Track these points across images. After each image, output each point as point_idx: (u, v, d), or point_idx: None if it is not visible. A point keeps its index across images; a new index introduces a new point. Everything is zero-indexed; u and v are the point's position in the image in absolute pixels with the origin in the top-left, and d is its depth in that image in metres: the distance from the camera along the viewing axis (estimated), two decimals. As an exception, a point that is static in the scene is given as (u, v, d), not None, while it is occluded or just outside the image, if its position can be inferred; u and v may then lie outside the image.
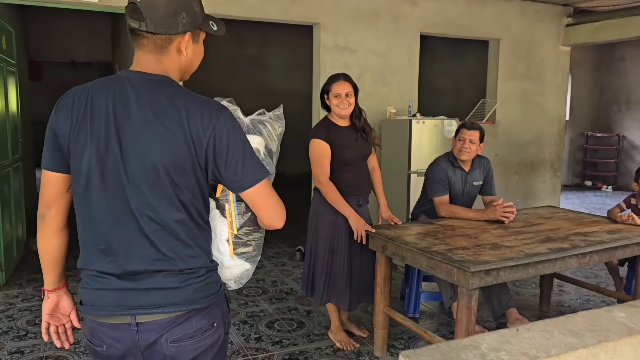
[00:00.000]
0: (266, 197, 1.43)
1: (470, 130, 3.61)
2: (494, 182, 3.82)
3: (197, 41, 1.47)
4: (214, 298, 1.44)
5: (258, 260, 1.57)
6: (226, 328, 1.52)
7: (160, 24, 1.35)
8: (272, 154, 1.59)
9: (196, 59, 1.50)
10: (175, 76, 1.43)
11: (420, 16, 5.66)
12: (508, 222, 3.30)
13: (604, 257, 3.00)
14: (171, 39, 1.38)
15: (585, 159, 11.00)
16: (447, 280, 2.60)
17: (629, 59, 10.49)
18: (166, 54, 1.40)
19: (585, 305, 4.14)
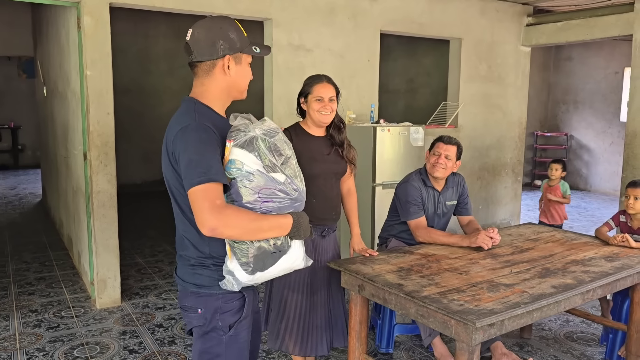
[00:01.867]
0: (194, 203, 1.58)
1: (447, 145, 3.23)
2: (470, 201, 3.45)
3: (239, 63, 1.78)
4: (202, 289, 1.74)
5: (252, 268, 1.65)
6: (222, 322, 1.74)
7: (204, 53, 1.73)
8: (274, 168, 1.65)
9: (241, 78, 1.80)
10: (217, 95, 1.78)
11: (380, 13, 5.23)
12: (491, 247, 2.93)
13: (607, 290, 2.67)
14: (214, 64, 1.74)
15: (535, 158, 11.02)
16: (443, 332, 2.16)
17: (576, 58, 10.57)
18: (210, 76, 1.76)
19: (566, 327, 3.85)
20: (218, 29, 1.73)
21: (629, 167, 5.27)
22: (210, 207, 1.54)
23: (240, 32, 1.76)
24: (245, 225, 1.59)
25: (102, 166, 4.02)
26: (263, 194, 1.63)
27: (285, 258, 1.70)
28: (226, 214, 1.56)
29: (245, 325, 1.79)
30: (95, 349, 3.42)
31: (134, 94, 8.97)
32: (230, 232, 1.58)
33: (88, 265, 4.33)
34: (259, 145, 1.64)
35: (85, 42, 3.88)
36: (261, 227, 1.61)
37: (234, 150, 1.63)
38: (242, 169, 1.62)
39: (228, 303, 1.74)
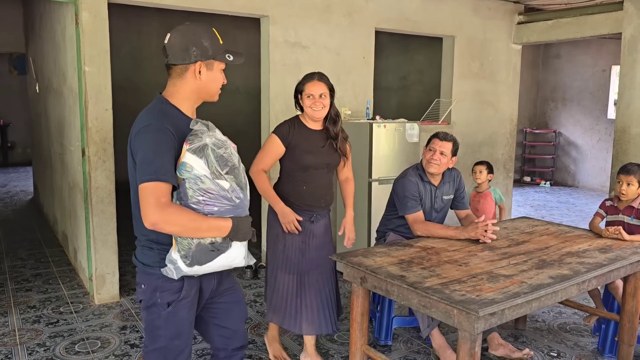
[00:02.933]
0: (141, 198, 1.74)
1: (443, 142, 3.30)
2: (465, 195, 3.52)
3: (211, 69, 1.91)
4: (146, 268, 1.91)
5: (190, 262, 1.81)
6: (161, 299, 1.89)
7: (177, 57, 1.86)
8: (219, 176, 1.79)
9: (211, 83, 1.93)
10: (186, 96, 1.91)
11: (375, 11, 5.28)
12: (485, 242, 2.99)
13: (602, 281, 2.75)
14: (187, 68, 1.87)
15: (524, 155, 11.16)
16: (446, 322, 2.22)
17: (564, 56, 10.71)
18: (182, 79, 1.89)
19: (559, 319, 3.94)
20: (192, 35, 1.86)
21: (618, 163, 5.37)
22: (155, 203, 1.71)
23: (216, 39, 1.90)
24: (185, 224, 1.75)
25: (100, 162, 4.03)
26: (207, 197, 1.78)
27: (223, 256, 1.85)
28: (168, 212, 1.72)
29: (186, 305, 1.94)
30: (96, 344, 3.45)
31: (127, 91, 8.93)
32: (170, 228, 1.75)
33: (86, 261, 4.34)
34: (208, 154, 1.78)
35: (83, 39, 3.88)
36: (200, 227, 1.76)
37: (187, 154, 1.77)
38: (192, 172, 1.76)
39: (167, 283, 1.89)
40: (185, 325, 1.97)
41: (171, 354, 1.96)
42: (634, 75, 5.19)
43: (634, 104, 5.21)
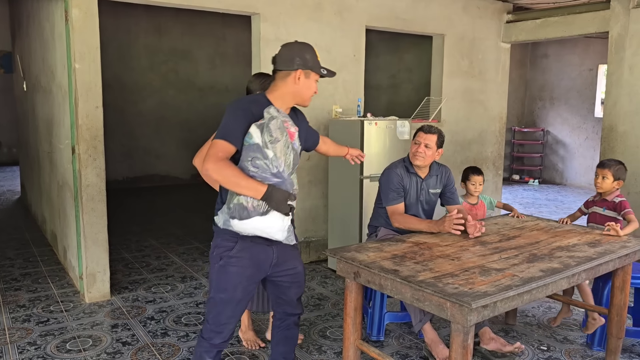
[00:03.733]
0: (209, 148, 2.16)
1: (427, 134, 3.36)
2: (455, 191, 3.55)
3: (308, 77, 2.31)
4: (214, 227, 2.38)
5: (231, 214, 2.20)
6: (216, 252, 2.34)
7: (283, 64, 2.29)
8: (267, 145, 2.17)
9: (306, 89, 2.32)
10: (282, 95, 2.31)
11: (365, 9, 5.30)
12: (475, 236, 3.02)
13: (591, 274, 2.79)
14: (289, 73, 2.28)
15: (513, 153, 11.25)
16: (439, 314, 2.24)
17: (552, 56, 10.82)
18: (284, 82, 2.30)
19: (549, 314, 3.99)
20: (297, 49, 2.33)
21: (606, 160, 5.45)
22: (214, 155, 2.13)
23: (315, 56, 2.35)
24: (228, 176, 2.12)
25: (90, 160, 4.00)
26: (255, 162, 2.17)
27: (258, 219, 2.19)
28: (220, 164, 2.12)
29: (235, 263, 2.30)
30: (87, 342, 3.42)
31: (115, 89, 8.89)
32: (216, 176, 2.12)
33: (76, 260, 4.30)
34: (264, 129, 2.18)
35: (73, 35, 3.85)
36: (239, 183, 2.13)
37: (253, 127, 2.19)
38: (251, 140, 2.18)
39: (223, 242, 2.32)
40: (231, 283, 2.32)
41: (217, 305, 2.34)
42: (621, 73, 5.26)
43: (621, 102, 5.28)
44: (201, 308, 4.02)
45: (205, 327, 2.38)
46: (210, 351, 2.37)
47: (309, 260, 5.20)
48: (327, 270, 4.94)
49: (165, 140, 10.01)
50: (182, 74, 10.06)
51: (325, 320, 3.83)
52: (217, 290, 2.33)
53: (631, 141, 5.23)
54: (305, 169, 5.02)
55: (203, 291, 4.39)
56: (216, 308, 2.34)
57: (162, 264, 5.12)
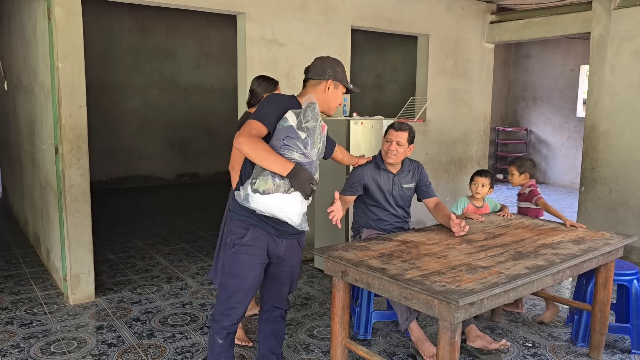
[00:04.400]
0: (245, 126, 2.33)
1: (398, 132, 3.41)
2: (430, 184, 3.60)
3: (337, 88, 2.54)
4: (230, 212, 2.56)
5: (255, 188, 2.28)
6: (229, 239, 2.48)
7: (315, 73, 2.53)
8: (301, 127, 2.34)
9: (333, 99, 2.55)
10: None
11: (351, 9, 5.31)
12: (460, 235, 3.06)
13: (575, 271, 2.83)
14: (320, 82, 2.51)
15: (497, 152, 11.36)
16: (426, 312, 2.26)
17: (534, 56, 10.94)
18: (315, 89, 2.52)
19: (533, 311, 4.04)
20: (330, 62, 2.55)
21: (588, 159, 5.53)
22: (248, 131, 2.28)
23: (344, 71, 2.58)
24: (259, 150, 2.25)
25: (74, 160, 3.95)
26: (286, 141, 2.30)
27: (281, 197, 2.28)
28: (252, 139, 2.26)
29: (246, 251, 2.43)
30: (72, 344, 3.38)
31: (98, 89, 8.78)
32: (247, 149, 2.25)
33: (60, 261, 4.25)
34: (301, 114, 2.35)
35: (56, 34, 3.80)
36: (268, 157, 2.25)
37: (289, 112, 2.36)
38: (286, 123, 2.33)
39: (237, 228, 2.46)
40: (243, 270, 2.45)
41: (228, 290, 2.49)
42: (603, 74, 5.35)
43: (603, 102, 5.36)
44: (187, 309, 3.99)
45: (216, 310, 2.53)
46: (221, 333, 2.52)
47: (296, 260, 5.20)
48: (313, 270, 4.94)
49: (149, 141, 9.92)
50: (167, 73, 9.98)
51: (313, 320, 3.83)
52: (229, 276, 2.47)
53: (613, 140, 5.31)
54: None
55: (189, 292, 4.36)
56: (226, 292, 2.49)
57: (147, 264, 5.07)
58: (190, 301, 4.15)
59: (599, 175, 5.42)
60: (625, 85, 5.19)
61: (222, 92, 10.37)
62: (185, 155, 10.31)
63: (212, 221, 6.92)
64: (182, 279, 4.66)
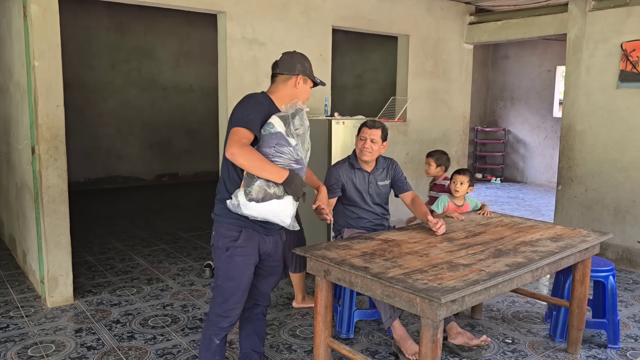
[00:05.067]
0: (230, 136, 2.32)
1: (372, 129, 3.45)
2: (405, 179, 3.65)
3: (306, 83, 2.57)
4: (216, 217, 2.53)
5: (250, 197, 2.32)
6: (221, 243, 2.48)
7: (285, 68, 2.53)
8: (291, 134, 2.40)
9: (303, 93, 2.57)
10: (282, 97, 2.51)
11: (332, 9, 5.32)
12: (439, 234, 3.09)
13: (553, 268, 2.88)
14: (290, 77, 2.53)
15: (476, 152, 11.49)
16: (409, 310, 2.27)
17: (512, 57, 11.10)
18: (284, 84, 2.54)
19: (512, 308, 4.09)
20: (298, 57, 2.58)
21: (565, 158, 5.63)
22: (238, 140, 2.29)
23: (311, 66, 2.61)
24: (254, 160, 2.29)
25: (52, 160, 3.88)
26: (277, 148, 2.35)
27: (276, 202, 2.36)
28: (245, 149, 2.28)
29: (240, 253, 2.47)
30: (50, 347, 3.32)
31: (75, 89, 8.65)
32: (242, 160, 2.27)
33: (37, 263, 4.17)
34: (289, 119, 2.38)
35: (32, 33, 3.73)
36: (264, 167, 2.30)
37: (274, 117, 2.39)
38: (273, 129, 2.36)
39: (228, 231, 2.47)
40: (238, 271, 2.49)
41: (225, 292, 2.51)
42: (579, 74, 5.45)
43: (579, 102, 5.47)
44: (168, 310, 3.96)
45: (213, 312, 2.55)
46: (219, 334, 2.56)
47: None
48: (295, 270, 4.93)
49: (128, 141, 9.80)
50: (145, 73, 9.87)
51: (295, 319, 3.82)
52: (225, 278, 2.50)
53: (588, 139, 5.42)
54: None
55: (170, 293, 4.32)
56: (223, 295, 2.52)
57: (127, 266, 5.01)
58: (171, 302, 4.11)
59: (576, 174, 5.53)
60: (600, 86, 5.30)
61: (202, 92, 10.29)
62: (164, 155, 10.20)
63: (193, 222, 6.87)
64: (162, 280, 4.62)
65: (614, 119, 5.21)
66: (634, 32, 5.04)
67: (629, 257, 5.18)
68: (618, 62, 5.15)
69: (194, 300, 4.17)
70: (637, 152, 5.07)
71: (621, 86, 5.15)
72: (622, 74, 5.13)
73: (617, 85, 5.17)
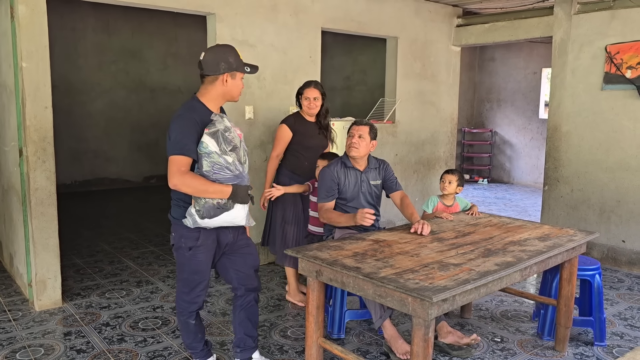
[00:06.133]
0: (169, 166, 2.47)
1: (359, 126, 3.53)
2: (396, 179, 3.70)
3: (234, 78, 2.60)
4: (175, 220, 2.67)
5: (202, 215, 2.53)
6: (184, 244, 2.65)
7: (209, 70, 2.56)
8: (226, 152, 2.51)
9: (234, 88, 2.62)
10: (213, 97, 2.61)
11: (321, 11, 5.34)
12: (435, 232, 3.12)
13: (542, 267, 2.92)
14: (217, 77, 2.57)
15: (463, 153, 11.59)
16: (400, 310, 2.30)
17: (499, 59, 11.21)
18: (212, 85, 2.60)
19: (501, 307, 4.14)
20: (221, 53, 2.57)
21: (551, 159, 5.71)
22: (177, 170, 2.43)
23: (237, 56, 2.60)
24: (196, 187, 2.47)
25: (40, 162, 3.85)
26: (216, 168, 2.48)
27: (227, 214, 2.56)
28: (185, 177, 2.45)
29: (203, 250, 2.66)
30: (39, 351, 3.29)
31: (62, 90, 8.56)
32: (186, 189, 2.48)
33: (24, 266, 4.13)
34: (218, 136, 2.47)
35: (20, 33, 3.70)
36: (207, 190, 2.47)
37: (205, 136, 2.46)
38: (207, 149, 2.46)
39: (189, 232, 2.62)
40: (202, 265, 2.70)
41: (191, 283, 2.73)
42: (564, 76, 5.53)
43: (564, 104, 5.54)
44: (159, 312, 3.94)
45: (182, 300, 2.77)
46: (191, 316, 2.81)
47: (268, 262, 5.19)
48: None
49: (115, 143, 9.73)
50: (133, 74, 9.81)
51: (286, 320, 3.83)
52: (191, 272, 2.70)
53: (574, 140, 5.50)
54: (262, 169, 5.01)
55: (160, 295, 4.30)
56: (190, 285, 2.73)
57: (116, 268, 4.98)
58: (161, 304, 4.10)
59: (562, 175, 5.60)
60: (585, 88, 5.38)
61: (190, 94, 10.05)
62: (152, 157, 10.14)
63: (182, 224, 6.84)
64: (152, 283, 4.60)
65: (598, 120, 5.30)
66: (617, 35, 5.13)
67: (614, 256, 5.26)
68: (602, 64, 5.24)
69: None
70: (621, 153, 5.16)
71: (605, 88, 5.23)
72: (607, 76, 5.21)
73: (601, 87, 5.26)
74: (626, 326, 3.82)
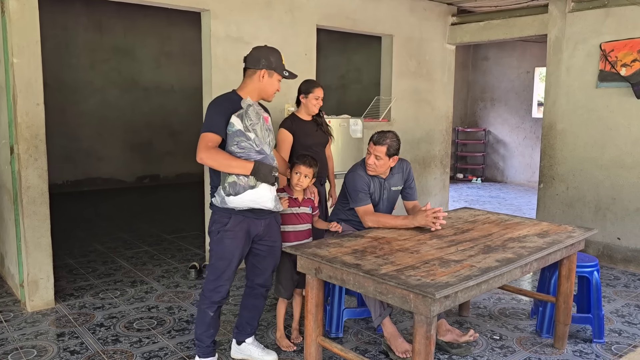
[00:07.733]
0: (199, 142, 2.65)
1: (377, 146, 3.31)
2: (414, 187, 3.60)
3: (271, 77, 2.80)
4: (211, 206, 2.82)
5: (227, 192, 2.69)
6: (214, 228, 2.81)
7: (250, 63, 2.79)
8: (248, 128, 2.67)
9: (269, 86, 2.81)
10: (250, 91, 2.79)
11: (316, 8, 5.31)
12: (435, 229, 3.09)
13: (541, 263, 2.90)
14: (255, 71, 2.78)
15: (457, 152, 11.60)
16: (402, 307, 2.27)
17: (492, 59, 11.24)
18: (250, 78, 2.81)
19: (499, 305, 4.12)
20: (264, 52, 2.79)
21: (546, 157, 5.71)
22: (205, 146, 2.62)
23: (280, 60, 2.82)
24: (220, 161, 2.62)
25: (32, 160, 3.79)
26: (239, 144, 2.65)
27: (251, 192, 2.66)
28: (211, 152, 2.61)
29: (229, 236, 2.78)
30: (31, 353, 3.23)
31: (53, 88, 8.46)
32: (211, 162, 2.63)
33: (16, 267, 4.06)
34: (243, 116, 2.65)
35: (11, 29, 3.63)
36: (230, 164, 2.62)
37: (233, 117, 2.66)
38: (233, 128, 2.65)
39: (220, 217, 2.79)
40: (228, 252, 2.80)
41: (217, 270, 2.83)
42: (559, 74, 5.53)
43: (559, 102, 5.54)
44: (153, 312, 3.89)
45: (207, 288, 2.86)
46: (212, 307, 2.87)
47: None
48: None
49: (108, 142, 9.64)
50: (126, 73, 9.72)
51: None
52: (217, 258, 2.83)
53: (568, 138, 5.50)
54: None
55: (155, 295, 4.25)
56: (216, 272, 2.83)
57: (109, 269, 4.92)
58: (156, 305, 4.04)
59: (557, 173, 5.60)
60: (580, 86, 5.38)
61: (184, 93, 10.18)
62: (145, 157, 10.06)
63: (176, 224, 6.79)
64: (146, 283, 4.54)
65: (593, 118, 5.30)
66: (612, 33, 5.13)
67: (609, 254, 5.27)
68: (597, 62, 5.24)
69: (180, 302, 4.11)
70: (616, 150, 5.16)
71: (600, 86, 5.23)
72: (601, 74, 5.22)
73: (596, 84, 5.26)
74: (624, 323, 3.81)
